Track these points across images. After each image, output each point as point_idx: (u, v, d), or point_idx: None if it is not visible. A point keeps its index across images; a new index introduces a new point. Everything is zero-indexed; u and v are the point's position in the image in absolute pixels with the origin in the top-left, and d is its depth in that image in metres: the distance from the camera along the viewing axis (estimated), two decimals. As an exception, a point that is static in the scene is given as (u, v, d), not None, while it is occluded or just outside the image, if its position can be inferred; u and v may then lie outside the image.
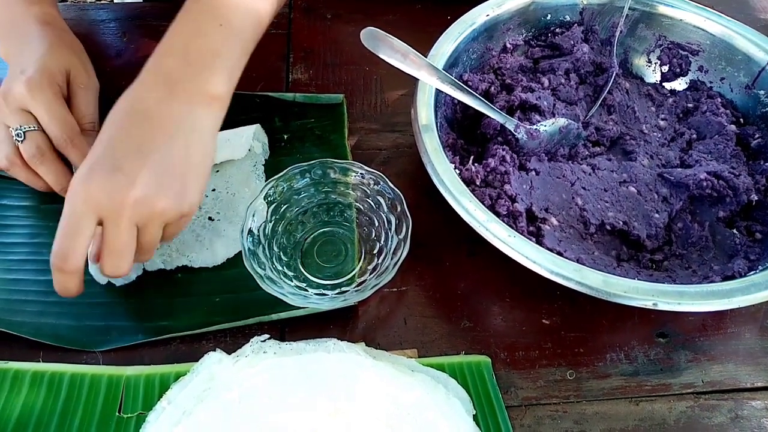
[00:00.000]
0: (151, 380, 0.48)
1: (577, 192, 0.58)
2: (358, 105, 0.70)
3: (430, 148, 0.53)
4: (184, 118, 0.49)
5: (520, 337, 0.53)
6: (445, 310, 0.55)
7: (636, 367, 0.52)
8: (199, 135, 0.50)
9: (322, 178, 0.57)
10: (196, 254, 0.56)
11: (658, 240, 0.57)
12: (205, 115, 0.50)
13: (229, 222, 0.57)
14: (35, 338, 0.50)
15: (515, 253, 0.48)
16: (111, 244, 0.46)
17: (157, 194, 0.47)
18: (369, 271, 0.54)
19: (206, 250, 0.56)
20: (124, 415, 0.47)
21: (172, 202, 0.48)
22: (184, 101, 0.49)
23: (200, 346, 0.51)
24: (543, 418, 0.49)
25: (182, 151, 0.48)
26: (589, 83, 0.68)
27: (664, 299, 0.46)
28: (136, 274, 0.54)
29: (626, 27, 0.69)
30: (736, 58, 0.66)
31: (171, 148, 0.48)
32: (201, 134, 0.50)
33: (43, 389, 0.48)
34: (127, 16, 0.79)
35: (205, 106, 0.50)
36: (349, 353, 0.48)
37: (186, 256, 0.55)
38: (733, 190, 0.57)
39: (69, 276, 0.46)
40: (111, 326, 0.52)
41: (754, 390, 0.51)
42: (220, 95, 0.51)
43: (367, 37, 0.54)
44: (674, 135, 0.65)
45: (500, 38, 0.68)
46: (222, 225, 0.57)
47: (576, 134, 0.62)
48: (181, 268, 0.55)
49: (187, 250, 0.56)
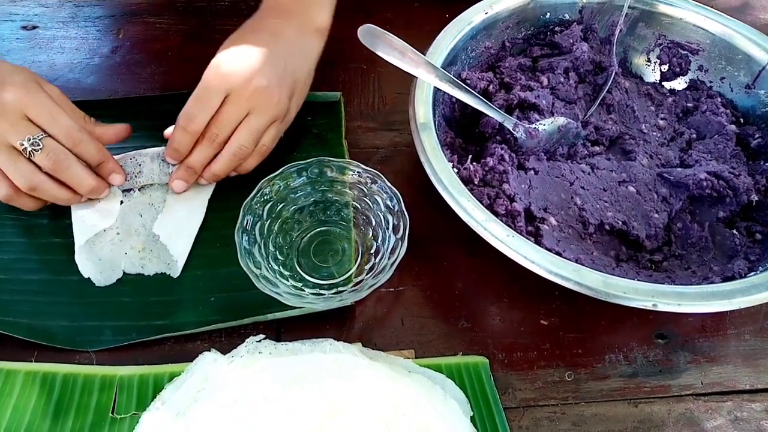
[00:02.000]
0: (145, 380, 0.48)
1: (576, 192, 0.57)
2: (356, 103, 0.70)
3: (428, 147, 0.53)
4: (297, 41, 0.59)
5: (518, 337, 0.53)
6: (443, 310, 0.54)
7: (635, 369, 0.51)
8: (306, 58, 0.60)
9: (319, 176, 0.57)
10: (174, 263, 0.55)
11: (657, 240, 0.57)
12: (312, 42, 0.61)
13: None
14: (28, 338, 0.50)
15: (514, 253, 0.47)
16: (224, 114, 0.54)
17: (278, 88, 0.56)
18: (366, 270, 0.54)
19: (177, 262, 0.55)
20: (117, 416, 0.46)
21: (283, 101, 0.57)
22: (296, 28, 0.60)
23: (195, 346, 0.51)
24: (541, 419, 0.48)
25: (295, 65, 0.58)
26: (588, 82, 0.67)
27: (664, 300, 0.45)
28: (117, 277, 0.54)
29: (626, 26, 0.69)
30: (737, 57, 0.65)
31: (287, 59, 0.57)
32: (308, 57, 0.60)
33: (36, 389, 0.47)
34: (122, 12, 0.78)
35: (312, 36, 0.61)
36: (346, 354, 0.48)
37: (167, 264, 0.55)
38: (733, 190, 0.57)
39: (187, 134, 0.54)
40: (104, 326, 0.51)
41: (753, 392, 0.51)
42: (324, 27, 0.62)
43: (365, 34, 0.54)
44: (674, 135, 0.64)
45: (499, 36, 0.67)
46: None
47: (575, 133, 0.61)
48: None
49: (166, 258, 0.55)
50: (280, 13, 0.60)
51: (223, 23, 0.77)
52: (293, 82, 0.58)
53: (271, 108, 0.56)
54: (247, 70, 0.54)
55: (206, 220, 0.58)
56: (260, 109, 0.55)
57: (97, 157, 0.54)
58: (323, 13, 0.62)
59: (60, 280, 0.54)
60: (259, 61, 0.55)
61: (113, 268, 0.54)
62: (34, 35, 0.75)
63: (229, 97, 0.54)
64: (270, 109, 0.56)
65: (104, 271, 0.54)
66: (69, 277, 0.54)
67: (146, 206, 0.58)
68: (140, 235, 0.56)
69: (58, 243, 0.55)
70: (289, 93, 0.57)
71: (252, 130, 0.55)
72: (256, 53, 0.56)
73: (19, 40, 0.75)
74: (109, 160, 0.55)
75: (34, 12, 0.78)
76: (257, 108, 0.55)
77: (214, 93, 0.54)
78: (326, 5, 0.62)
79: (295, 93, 0.59)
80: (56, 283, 0.54)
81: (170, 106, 0.67)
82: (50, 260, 0.55)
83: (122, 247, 0.56)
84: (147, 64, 0.72)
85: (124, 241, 0.56)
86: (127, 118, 0.65)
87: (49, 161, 0.51)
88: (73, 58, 0.73)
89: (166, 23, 0.77)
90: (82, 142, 0.53)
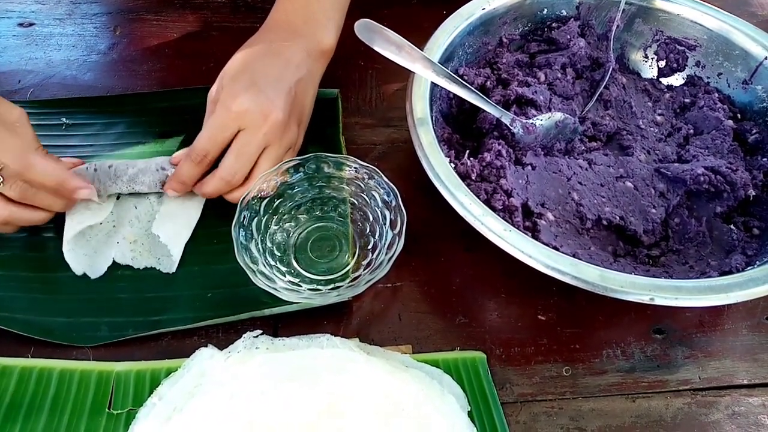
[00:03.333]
0: (142, 376, 0.48)
1: (574, 187, 0.57)
2: (353, 100, 0.70)
3: (425, 142, 0.53)
4: (304, 65, 0.58)
5: (515, 333, 0.53)
6: (440, 305, 0.54)
7: (632, 364, 0.51)
8: (313, 83, 0.60)
9: (316, 172, 0.57)
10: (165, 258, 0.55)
11: (654, 235, 0.57)
12: (317, 66, 0.60)
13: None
14: (25, 333, 0.50)
15: (511, 248, 0.47)
16: (242, 149, 0.53)
17: (290, 118, 0.55)
18: (363, 266, 0.54)
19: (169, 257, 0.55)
20: (113, 411, 0.46)
21: (294, 130, 0.57)
22: (304, 50, 0.59)
23: (191, 342, 0.51)
24: (538, 414, 0.48)
25: (303, 93, 0.58)
26: (585, 78, 0.67)
27: (661, 294, 0.45)
28: (107, 265, 0.54)
29: (623, 22, 0.69)
30: (734, 53, 0.65)
31: (298, 87, 0.57)
32: (314, 82, 0.60)
33: (32, 385, 0.47)
34: (119, 9, 0.78)
35: (317, 59, 0.60)
36: (343, 349, 0.48)
37: (157, 259, 0.55)
38: (730, 186, 0.57)
39: (198, 169, 0.54)
40: (101, 322, 0.51)
41: (751, 386, 0.50)
42: (329, 49, 0.61)
43: (362, 29, 0.54)
44: (671, 130, 0.64)
45: (496, 32, 0.67)
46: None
47: (572, 129, 0.61)
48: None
49: (157, 252, 0.55)
50: (288, 32, 0.60)
51: (220, 20, 0.77)
52: (301, 107, 0.58)
53: (286, 140, 0.56)
54: (262, 105, 0.53)
55: (203, 216, 0.58)
56: (276, 143, 0.55)
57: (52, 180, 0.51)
58: (330, 35, 0.61)
59: (57, 276, 0.54)
60: (273, 92, 0.54)
61: (103, 258, 0.54)
62: (30, 32, 0.75)
63: (244, 132, 0.54)
64: (285, 141, 0.56)
65: (93, 264, 0.54)
66: (66, 273, 0.54)
67: (141, 198, 0.58)
68: (133, 227, 0.56)
69: (55, 239, 0.55)
70: (298, 121, 0.58)
71: (271, 162, 0.55)
72: (267, 83, 0.55)
73: (16, 37, 0.75)
74: (67, 181, 0.51)
75: (31, 9, 0.78)
76: (273, 142, 0.55)
77: (228, 130, 0.53)
78: (333, 28, 0.62)
79: (302, 121, 0.59)
80: (53, 279, 0.54)
81: (167, 103, 0.67)
82: (47, 256, 0.55)
83: (114, 237, 0.56)
84: (144, 61, 0.72)
85: (117, 230, 0.56)
86: (124, 115, 0.66)
87: (16, 192, 0.49)
88: (70, 55, 0.73)
89: (163, 20, 0.77)
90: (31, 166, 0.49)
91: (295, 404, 0.44)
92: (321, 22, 0.61)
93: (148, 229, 0.56)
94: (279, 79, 0.56)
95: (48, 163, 0.50)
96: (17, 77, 0.70)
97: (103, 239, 0.56)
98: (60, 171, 0.51)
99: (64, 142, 0.63)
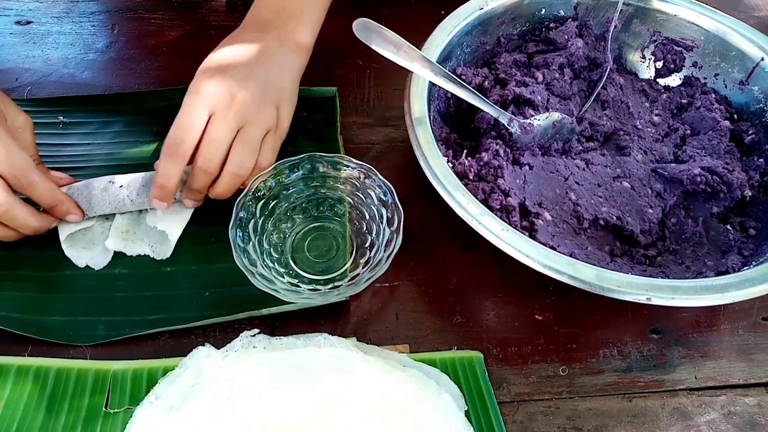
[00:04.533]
0: (139, 375, 0.48)
1: (571, 187, 0.57)
2: (351, 99, 0.70)
3: (422, 141, 0.53)
4: (278, 53, 0.58)
5: (512, 332, 0.53)
6: (438, 305, 0.54)
7: (629, 363, 0.51)
8: (289, 70, 0.59)
9: (312, 172, 0.57)
10: (158, 246, 0.55)
11: (651, 235, 0.57)
12: (292, 56, 0.59)
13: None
14: (22, 332, 0.50)
15: (508, 247, 0.47)
16: (213, 133, 0.52)
17: (262, 99, 0.54)
18: (361, 264, 0.54)
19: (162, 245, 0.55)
20: (110, 410, 0.46)
21: (272, 111, 0.55)
22: (276, 41, 0.58)
23: (189, 341, 0.51)
24: (535, 414, 0.48)
25: (278, 76, 0.57)
26: (583, 78, 0.67)
27: (658, 294, 0.45)
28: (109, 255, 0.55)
29: (620, 22, 0.69)
30: (731, 54, 0.65)
31: (270, 70, 0.56)
32: (290, 69, 0.59)
33: (29, 384, 0.47)
34: (117, 8, 0.78)
35: (292, 50, 0.59)
36: (340, 348, 0.48)
37: (151, 246, 0.55)
38: (726, 186, 0.57)
39: (175, 162, 0.52)
40: (98, 320, 0.51)
41: (746, 386, 0.51)
42: (304, 44, 0.60)
43: (360, 28, 0.54)
44: (668, 131, 0.65)
45: (494, 32, 0.67)
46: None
47: (570, 129, 0.61)
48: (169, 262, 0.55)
49: (150, 240, 0.56)
50: (260, 26, 0.59)
51: (218, 19, 0.77)
52: (278, 90, 0.57)
53: (261, 119, 0.54)
54: (228, 86, 0.53)
55: (201, 215, 0.57)
56: (250, 122, 0.54)
57: (48, 199, 0.52)
58: (304, 31, 0.60)
59: (54, 275, 0.54)
60: (239, 75, 0.54)
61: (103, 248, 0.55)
62: (28, 30, 0.75)
63: (214, 116, 0.52)
64: (260, 119, 0.54)
65: (94, 256, 0.54)
66: (63, 272, 0.54)
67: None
68: (125, 219, 0.56)
69: (52, 238, 0.55)
70: (275, 101, 0.56)
71: (247, 144, 0.54)
72: (235, 68, 0.54)
73: (14, 35, 0.74)
74: (62, 203, 0.53)
75: (29, 7, 0.78)
76: (247, 121, 0.53)
77: (197, 114, 0.52)
78: (308, 24, 0.61)
79: (282, 103, 0.57)
80: (50, 278, 0.54)
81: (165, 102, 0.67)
82: (44, 255, 0.55)
83: (105, 224, 0.56)
84: (142, 59, 0.72)
85: (109, 218, 0.56)
86: (121, 113, 0.66)
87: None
88: (67, 54, 0.73)
89: (161, 19, 0.77)
90: (33, 184, 0.50)
91: (292, 403, 0.44)
92: (294, 13, 0.60)
93: (140, 220, 0.56)
94: (247, 65, 0.55)
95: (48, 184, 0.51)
96: (14, 75, 0.70)
97: (99, 229, 0.56)
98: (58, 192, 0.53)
99: (61, 140, 0.63)
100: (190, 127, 0.52)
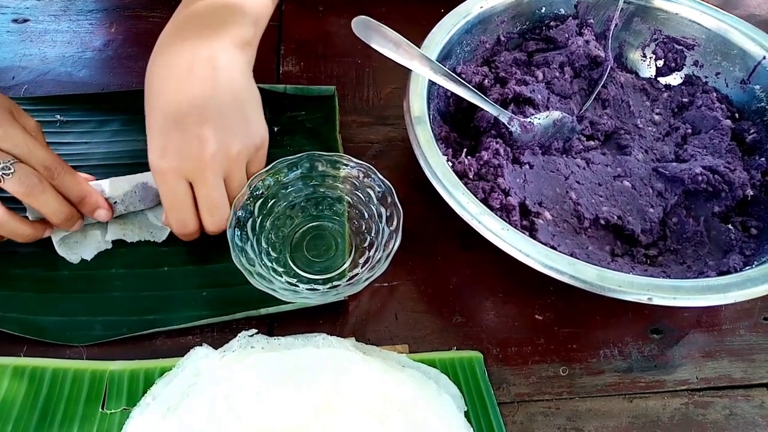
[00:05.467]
0: (136, 375, 0.47)
1: (571, 186, 0.57)
2: (350, 98, 0.69)
3: (422, 140, 0.53)
4: (219, 57, 0.51)
5: (512, 332, 0.52)
6: (437, 305, 0.54)
7: (630, 364, 0.51)
8: (239, 70, 0.52)
9: (310, 171, 0.56)
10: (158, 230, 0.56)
11: (652, 235, 0.56)
12: (237, 54, 0.53)
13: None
14: (18, 333, 0.49)
15: (508, 247, 0.47)
16: (206, 201, 0.50)
17: (229, 141, 0.49)
18: (361, 264, 0.53)
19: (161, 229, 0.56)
20: (107, 411, 0.46)
21: (244, 141, 0.51)
22: (216, 41, 0.51)
23: (186, 341, 0.50)
24: (535, 414, 0.48)
25: (229, 89, 0.50)
26: (583, 77, 0.67)
27: (659, 294, 0.45)
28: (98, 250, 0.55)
29: (621, 21, 0.69)
30: (732, 52, 0.65)
31: (220, 91, 0.50)
32: (240, 69, 0.52)
33: (24, 384, 0.47)
34: (115, 6, 0.78)
35: (236, 49, 0.53)
36: (339, 348, 0.47)
37: (150, 232, 0.56)
38: (728, 185, 0.57)
39: (192, 235, 0.52)
40: (95, 321, 0.51)
41: (748, 387, 0.50)
42: (248, 40, 0.54)
43: (359, 26, 0.53)
44: (669, 129, 0.64)
45: (494, 31, 0.67)
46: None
47: (570, 128, 0.61)
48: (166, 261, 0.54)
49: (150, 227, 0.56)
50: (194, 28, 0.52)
51: (216, 17, 0.77)
52: (240, 111, 0.51)
53: (237, 162, 0.51)
54: (190, 146, 0.48)
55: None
56: (230, 170, 0.51)
57: (77, 190, 0.51)
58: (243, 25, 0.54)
59: (51, 274, 0.53)
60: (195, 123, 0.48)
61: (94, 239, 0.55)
62: (25, 28, 0.75)
63: (194, 184, 0.49)
64: (236, 163, 0.51)
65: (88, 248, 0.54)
66: (59, 272, 0.53)
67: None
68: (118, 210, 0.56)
69: (49, 238, 0.55)
70: (243, 126, 0.51)
71: (242, 185, 0.52)
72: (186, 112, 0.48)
73: (10, 33, 0.74)
74: (92, 194, 0.52)
75: (26, 5, 0.77)
76: (225, 171, 0.50)
77: (179, 191, 0.49)
78: (246, 18, 0.54)
79: (249, 116, 0.52)
80: (47, 278, 0.53)
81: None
82: (40, 254, 0.54)
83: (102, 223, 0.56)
84: (139, 57, 0.72)
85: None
86: (119, 112, 0.65)
87: (22, 186, 0.47)
88: (65, 52, 0.72)
89: (159, 17, 0.77)
90: (63, 174, 0.50)
91: (290, 404, 0.44)
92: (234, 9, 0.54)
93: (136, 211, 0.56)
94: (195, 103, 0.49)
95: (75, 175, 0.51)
96: (11, 74, 0.69)
97: (92, 221, 0.55)
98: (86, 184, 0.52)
99: (58, 139, 0.62)
100: (182, 211, 0.50)
